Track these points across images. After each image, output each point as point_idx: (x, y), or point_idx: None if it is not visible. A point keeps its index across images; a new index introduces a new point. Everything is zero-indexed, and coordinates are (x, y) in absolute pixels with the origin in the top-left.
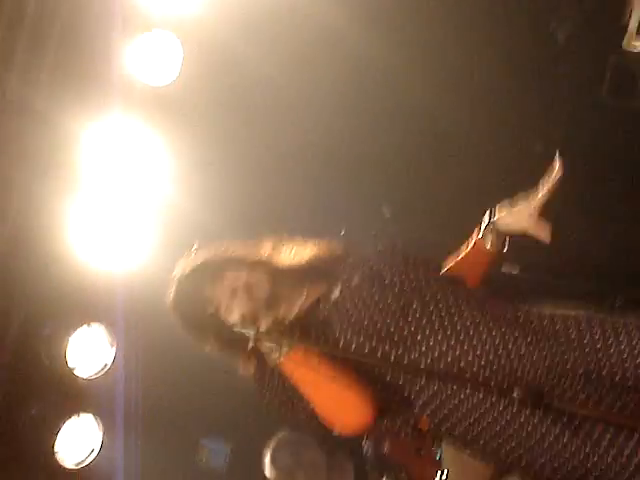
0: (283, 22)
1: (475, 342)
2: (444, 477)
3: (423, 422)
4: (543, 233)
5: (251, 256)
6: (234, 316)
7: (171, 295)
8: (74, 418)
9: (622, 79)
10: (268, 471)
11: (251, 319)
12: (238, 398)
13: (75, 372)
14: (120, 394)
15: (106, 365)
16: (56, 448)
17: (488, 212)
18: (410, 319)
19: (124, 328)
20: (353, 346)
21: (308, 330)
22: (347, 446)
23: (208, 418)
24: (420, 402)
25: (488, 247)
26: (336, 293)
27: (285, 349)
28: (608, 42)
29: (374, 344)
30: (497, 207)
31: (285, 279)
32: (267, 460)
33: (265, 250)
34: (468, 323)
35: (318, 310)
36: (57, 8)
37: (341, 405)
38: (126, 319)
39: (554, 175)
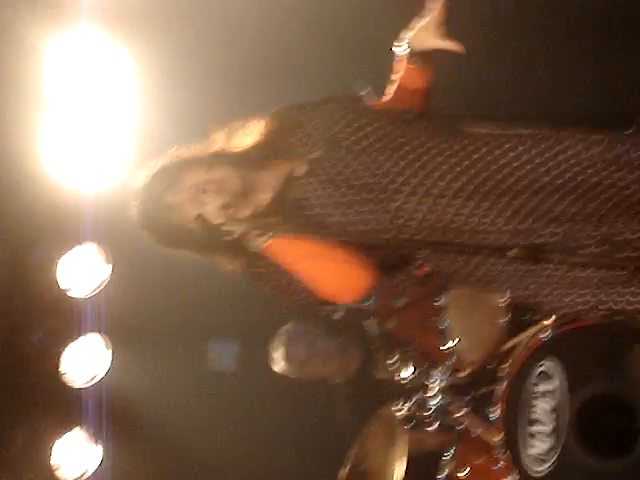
0: None
1: (450, 179)
2: (452, 346)
3: (422, 270)
4: (453, 44)
5: (205, 152)
6: (212, 212)
7: (134, 211)
8: (80, 339)
9: None
10: (281, 366)
11: (230, 209)
12: (237, 297)
13: (70, 293)
14: (122, 310)
15: (102, 282)
16: (63, 369)
17: (397, 42)
18: (382, 171)
19: (115, 244)
20: (336, 218)
21: (287, 212)
22: (351, 328)
23: (211, 321)
24: (418, 255)
25: (416, 67)
26: (302, 169)
27: (269, 234)
28: None
29: (356, 207)
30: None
31: (247, 164)
32: (279, 356)
33: (217, 141)
34: (439, 160)
35: (290, 190)
36: None
37: (338, 274)
38: (117, 235)
39: None
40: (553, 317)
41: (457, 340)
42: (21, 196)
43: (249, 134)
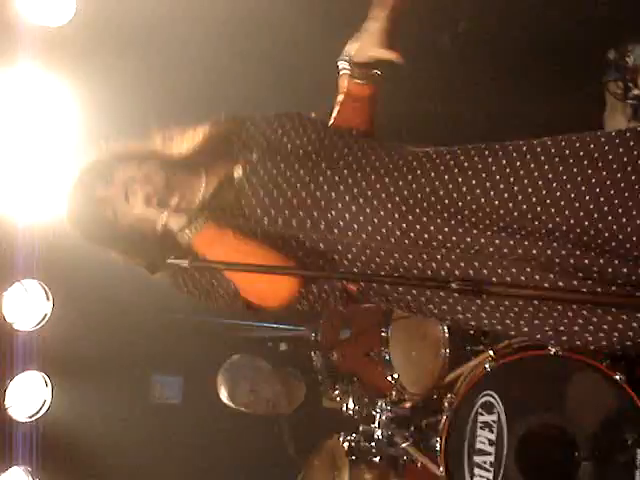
0: None
1: (391, 193)
2: (395, 378)
3: (351, 285)
4: (392, 55)
5: (139, 150)
6: (137, 202)
7: (65, 208)
8: (22, 374)
9: None
10: (227, 399)
11: (156, 198)
12: (181, 331)
13: (15, 326)
14: (63, 345)
15: (45, 316)
16: (7, 404)
17: (341, 57)
18: (321, 180)
19: (57, 280)
20: (265, 221)
21: (218, 213)
22: (296, 360)
23: (154, 355)
24: (345, 263)
25: (359, 81)
26: (239, 172)
27: (196, 224)
28: None
29: (287, 215)
30: (346, 47)
31: (180, 169)
32: (224, 389)
33: (154, 144)
34: (382, 173)
35: (223, 192)
36: None
37: (264, 277)
38: (58, 271)
39: None
40: (493, 349)
41: (400, 371)
42: None
43: (187, 142)
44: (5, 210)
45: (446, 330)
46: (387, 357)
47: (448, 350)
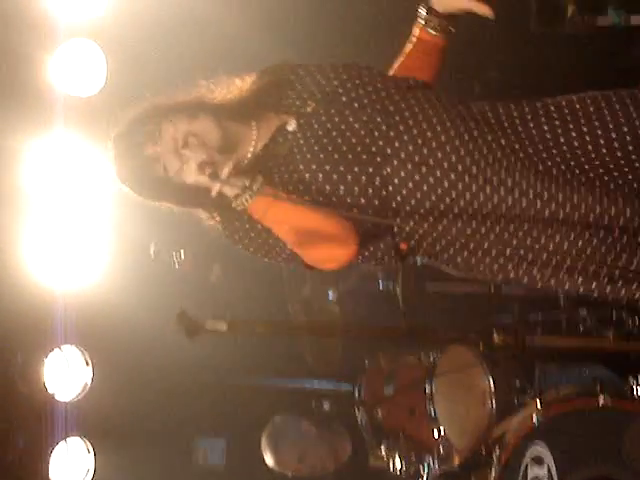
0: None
1: (447, 152)
2: (442, 434)
3: (403, 245)
4: (482, 7)
5: (185, 100)
6: (190, 170)
7: (113, 164)
8: (62, 443)
9: (548, 6)
10: (275, 465)
11: (209, 167)
12: (224, 392)
13: (56, 397)
14: (104, 410)
15: (86, 385)
16: (50, 476)
17: (421, 5)
18: (377, 135)
19: (96, 345)
20: (320, 177)
21: (271, 169)
22: (340, 418)
23: (197, 418)
24: (397, 220)
25: (433, 33)
26: (292, 124)
27: (251, 192)
28: None
29: (342, 170)
30: None
31: (230, 116)
32: (269, 452)
33: (199, 91)
34: (439, 129)
35: (277, 145)
36: None
37: (321, 238)
38: (96, 336)
39: None
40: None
41: (446, 426)
42: (1, 300)
43: (235, 88)
44: (43, 276)
45: (491, 381)
46: (432, 412)
47: (494, 402)
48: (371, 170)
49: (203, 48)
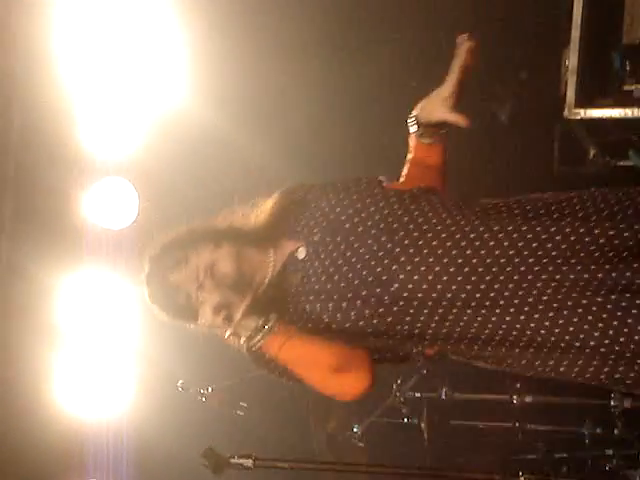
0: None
1: (452, 257)
2: None
3: (429, 349)
4: (460, 119)
5: (214, 227)
6: (206, 312)
7: (144, 285)
8: None
9: (570, 147)
10: None
11: (224, 310)
12: None
13: None
14: None
15: None
16: None
17: (409, 116)
18: (382, 255)
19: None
20: (330, 306)
21: (286, 299)
22: None
23: None
24: (416, 332)
25: (426, 142)
26: (302, 253)
27: (263, 333)
28: (550, 114)
29: (350, 296)
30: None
31: (252, 243)
32: None
33: (225, 219)
34: (444, 237)
35: (289, 274)
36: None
37: (334, 373)
38: (124, 469)
39: (460, 53)
40: None
41: None
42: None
43: (259, 213)
44: (72, 409)
45: None
46: None
47: None
48: (379, 291)
49: (232, 182)
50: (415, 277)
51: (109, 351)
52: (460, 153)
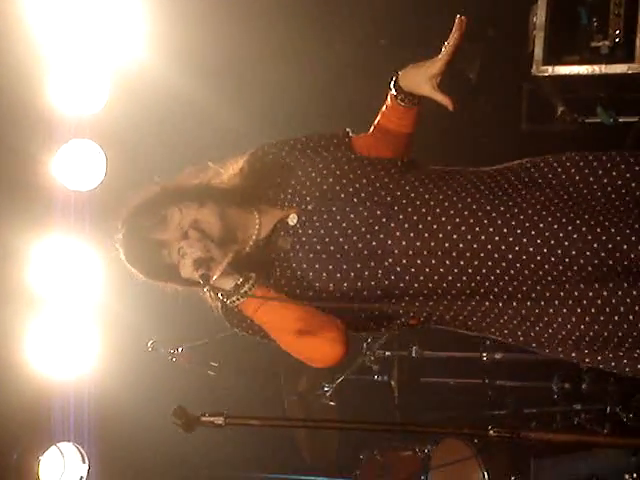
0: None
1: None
2: None
3: (413, 320)
4: (445, 99)
5: (191, 186)
6: (186, 265)
7: (121, 246)
8: None
9: (538, 105)
10: None
11: (203, 267)
12: None
13: None
14: None
15: (81, 478)
16: None
17: (393, 78)
18: (377, 227)
19: (93, 442)
20: (324, 275)
21: (272, 262)
22: None
23: None
24: (403, 305)
25: (402, 104)
26: (294, 219)
27: (241, 293)
28: (518, 72)
29: (345, 267)
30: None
31: (235, 203)
32: None
33: (207, 175)
34: (438, 210)
35: (279, 238)
36: None
37: (310, 345)
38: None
39: (454, 35)
40: None
41: None
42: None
43: (232, 174)
44: (40, 373)
45: (486, 475)
46: None
47: None
48: (373, 264)
49: (199, 141)
50: (409, 252)
51: (79, 313)
52: (428, 111)
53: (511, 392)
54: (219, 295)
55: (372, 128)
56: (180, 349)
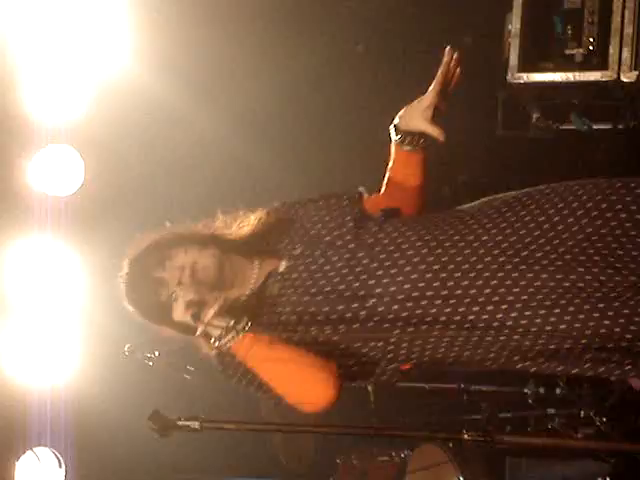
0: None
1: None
2: None
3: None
4: (436, 131)
5: (198, 232)
6: (179, 307)
7: (123, 284)
8: None
9: (514, 112)
10: None
11: (194, 307)
12: None
13: None
14: None
15: None
16: None
17: (392, 124)
18: (359, 269)
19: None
20: (306, 319)
21: (262, 309)
22: None
23: None
24: (388, 353)
25: (405, 149)
26: (283, 266)
27: (233, 334)
28: (493, 79)
29: (327, 309)
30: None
31: (236, 253)
32: None
33: (216, 225)
34: (420, 248)
35: (268, 287)
36: None
37: (302, 386)
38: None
39: (442, 68)
40: None
41: None
42: None
43: (246, 225)
44: (16, 377)
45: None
46: None
47: None
48: (356, 305)
49: (179, 148)
50: (390, 289)
51: (55, 318)
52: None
53: (486, 397)
54: (212, 340)
55: (383, 186)
56: (157, 353)
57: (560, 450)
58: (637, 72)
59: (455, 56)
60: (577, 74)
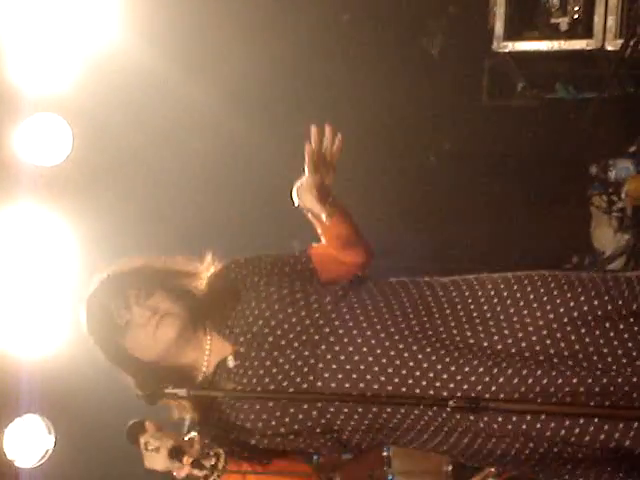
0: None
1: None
2: None
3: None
4: (319, 215)
5: (178, 281)
6: (162, 456)
7: (84, 320)
8: None
9: (499, 80)
10: None
11: (178, 454)
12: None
13: (16, 463)
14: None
15: (47, 451)
16: None
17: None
18: (307, 353)
19: (58, 413)
20: (260, 425)
21: (220, 405)
22: None
23: None
24: (344, 438)
25: (319, 219)
26: (231, 362)
27: (217, 473)
28: (479, 48)
29: (278, 413)
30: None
31: (194, 318)
32: None
33: (178, 271)
34: (369, 333)
35: (221, 379)
36: None
37: None
38: (58, 404)
39: (307, 153)
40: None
41: None
42: None
43: (202, 280)
44: (5, 345)
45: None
46: (390, 477)
47: (451, 467)
48: (306, 406)
49: (166, 120)
50: (338, 376)
51: (45, 287)
52: (391, 88)
53: None
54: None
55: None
56: None
57: None
58: (622, 40)
59: (327, 133)
60: (562, 43)
